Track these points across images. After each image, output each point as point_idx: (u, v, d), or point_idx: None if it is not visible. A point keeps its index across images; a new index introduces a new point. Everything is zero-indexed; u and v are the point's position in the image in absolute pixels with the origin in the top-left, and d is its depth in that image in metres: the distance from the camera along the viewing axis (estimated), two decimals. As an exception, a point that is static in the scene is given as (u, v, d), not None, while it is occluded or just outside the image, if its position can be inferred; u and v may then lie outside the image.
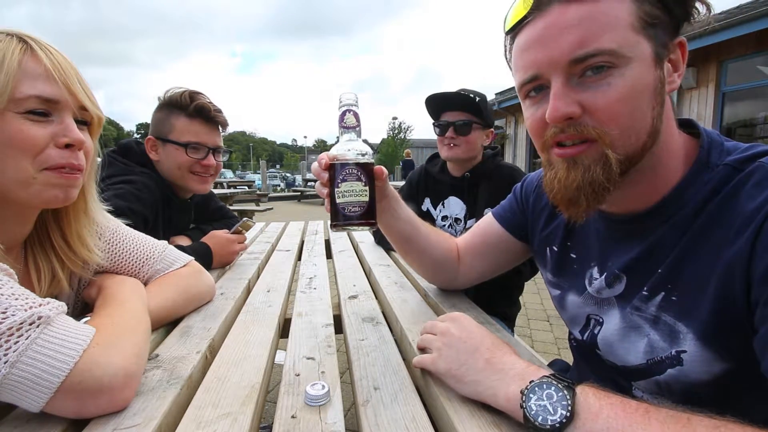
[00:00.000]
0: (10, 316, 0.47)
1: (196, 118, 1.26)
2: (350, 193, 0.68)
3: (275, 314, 0.91)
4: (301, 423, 0.52)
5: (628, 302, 0.66)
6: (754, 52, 6.36)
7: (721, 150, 0.59)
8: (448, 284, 1.04)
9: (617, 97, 0.53)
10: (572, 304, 0.77)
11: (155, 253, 0.85)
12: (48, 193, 0.58)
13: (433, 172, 1.74)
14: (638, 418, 0.42)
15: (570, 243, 0.79)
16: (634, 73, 0.53)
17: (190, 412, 0.53)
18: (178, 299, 0.84)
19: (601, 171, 0.56)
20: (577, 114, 0.55)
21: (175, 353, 0.69)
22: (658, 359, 0.62)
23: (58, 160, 0.58)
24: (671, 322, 0.60)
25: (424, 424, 0.52)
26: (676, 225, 0.59)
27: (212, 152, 1.29)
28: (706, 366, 0.58)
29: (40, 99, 0.56)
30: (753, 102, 6.89)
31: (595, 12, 0.53)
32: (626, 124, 0.55)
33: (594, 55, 0.53)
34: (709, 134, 0.61)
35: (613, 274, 0.68)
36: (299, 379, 0.63)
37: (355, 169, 0.69)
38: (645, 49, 0.54)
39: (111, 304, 0.66)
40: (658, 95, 0.56)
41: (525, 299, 3.42)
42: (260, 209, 7.51)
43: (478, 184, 1.62)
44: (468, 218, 1.65)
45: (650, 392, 0.67)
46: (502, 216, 0.94)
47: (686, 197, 0.59)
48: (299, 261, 1.51)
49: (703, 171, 0.58)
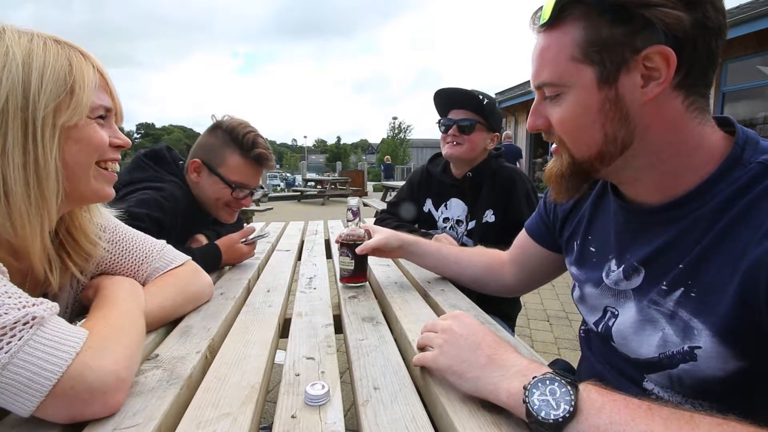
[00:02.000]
0: (3, 314, 0.47)
1: (252, 161, 1.28)
2: (343, 263, 1.11)
3: (275, 314, 0.91)
4: (301, 423, 0.52)
5: (645, 295, 0.65)
6: (754, 52, 6.36)
7: (756, 148, 0.58)
8: (501, 293, 1.10)
9: (561, 118, 0.64)
10: (590, 295, 0.78)
11: (154, 251, 0.85)
12: (105, 189, 0.68)
13: (435, 172, 1.73)
14: (641, 413, 0.42)
15: (591, 237, 0.80)
16: (574, 98, 0.62)
17: (190, 412, 0.53)
18: (177, 299, 0.84)
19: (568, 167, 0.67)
20: (542, 127, 0.67)
21: (175, 353, 0.69)
22: (670, 354, 0.62)
23: (111, 155, 0.68)
24: (687, 318, 0.60)
25: (424, 424, 0.52)
26: (700, 220, 0.59)
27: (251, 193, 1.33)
28: (721, 362, 0.57)
29: (104, 108, 0.65)
30: (753, 102, 6.89)
31: (544, 48, 0.63)
32: (573, 137, 0.64)
33: (540, 86, 0.65)
34: (746, 132, 0.61)
35: (632, 267, 0.68)
36: (299, 379, 0.63)
37: (345, 249, 1.09)
38: (586, 76, 0.60)
39: (105, 305, 0.65)
40: (611, 110, 0.60)
41: (525, 299, 3.42)
42: (260, 209, 7.51)
43: (479, 185, 1.61)
44: (469, 220, 1.64)
45: (661, 385, 0.66)
46: (532, 229, 0.98)
47: (713, 192, 0.58)
48: (299, 261, 1.51)
49: (734, 168, 0.58)
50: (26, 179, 0.56)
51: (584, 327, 0.82)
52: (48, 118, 0.57)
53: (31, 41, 0.58)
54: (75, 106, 0.60)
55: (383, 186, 12.12)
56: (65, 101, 0.59)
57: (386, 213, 1.83)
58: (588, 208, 0.80)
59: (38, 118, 0.56)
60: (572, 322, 3.11)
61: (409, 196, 1.80)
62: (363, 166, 21.92)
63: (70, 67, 0.60)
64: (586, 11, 0.58)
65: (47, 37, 0.60)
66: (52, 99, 0.57)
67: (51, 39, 0.60)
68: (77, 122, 0.60)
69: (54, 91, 0.58)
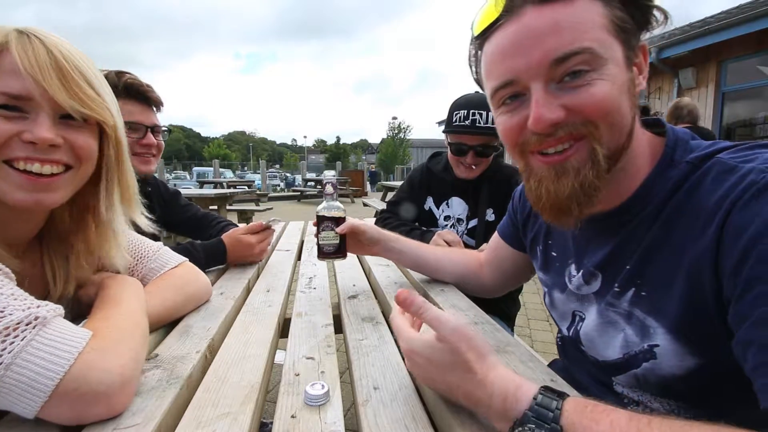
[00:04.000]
0: (7, 315, 0.47)
1: (129, 97, 1.23)
2: (327, 237, 1.04)
3: (275, 314, 0.91)
4: (301, 423, 0.52)
5: (603, 298, 0.67)
6: (754, 52, 6.35)
7: (685, 148, 0.60)
8: (479, 293, 1.10)
9: (602, 96, 0.54)
10: (558, 300, 0.79)
11: (149, 252, 0.85)
12: (15, 195, 0.57)
13: (436, 170, 1.72)
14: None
15: (551, 241, 0.81)
16: (611, 72, 0.54)
17: (190, 412, 0.53)
18: (177, 299, 0.84)
19: (590, 170, 0.56)
20: (562, 118, 0.55)
21: (174, 353, 0.69)
22: (633, 353, 0.64)
23: (19, 153, 0.56)
24: (642, 317, 0.62)
25: (424, 424, 0.52)
26: (641, 222, 0.61)
27: (150, 131, 1.28)
28: (678, 360, 0.58)
29: (6, 95, 0.55)
30: (753, 102, 6.89)
31: (569, 14, 0.53)
32: (613, 120, 0.55)
33: (576, 53, 0.53)
34: (676, 132, 0.63)
35: (589, 272, 0.69)
36: (299, 378, 0.63)
37: (330, 224, 1.04)
38: (617, 51, 0.55)
39: (109, 305, 0.65)
40: (632, 96, 0.57)
41: (525, 299, 3.42)
42: (260, 209, 7.51)
43: (480, 184, 1.62)
44: (470, 219, 1.65)
45: (629, 386, 0.68)
46: (503, 231, 1.00)
47: (652, 194, 0.60)
48: (299, 261, 1.50)
49: (667, 168, 0.59)
50: None
51: (559, 335, 0.83)
52: None
53: None
54: None
55: (383, 186, 12.12)
56: None
57: (387, 212, 1.83)
58: None
59: None
60: (572, 322, 3.10)
61: (409, 194, 1.80)
62: (363, 166, 21.91)
63: None
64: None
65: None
66: None
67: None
68: None
69: None
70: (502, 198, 1.58)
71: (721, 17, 6.36)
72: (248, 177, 27.55)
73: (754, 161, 0.51)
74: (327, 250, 1.04)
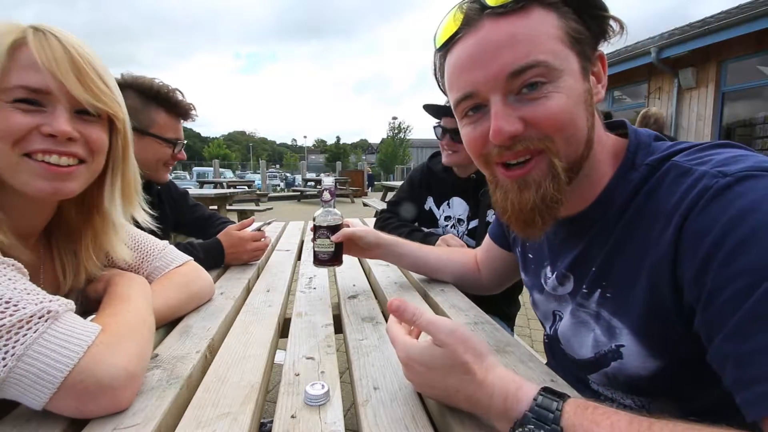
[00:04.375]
0: (21, 308, 0.48)
1: (177, 116, 1.28)
2: (322, 246, 1.04)
3: (275, 314, 0.91)
4: (301, 423, 0.52)
5: (575, 299, 0.69)
6: (754, 52, 6.35)
7: (647, 150, 0.60)
8: (479, 292, 1.11)
9: (558, 109, 0.55)
10: (539, 301, 0.81)
11: (155, 251, 0.86)
12: (35, 184, 0.59)
13: (437, 170, 1.72)
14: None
15: (528, 244, 0.83)
16: (567, 84, 0.55)
17: (190, 412, 0.53)
18: (181, 297, 0.84)
19: (551, 183, 0.57)
20: (520, 131, 0.56)
21: (174, 353, 0.69)
22: (603, 353, 0.65)
23: (38, 146, 0.58)
24: (608, 318, 0.63)
25: (424, 423, 0.52)
26: (604, 225, 0.62)
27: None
28: (641, 361, 0.60)
29: (27, 89, 0.56)
30: (753, 102, 6.89)
31: (525, 26, 0.54)
32: (569, 133, 0.56)
33: (531, 66, 0.53)
34: (638, 135, 0.63)
35: (562, 273, 0.71)
36: (299, 378, 0.63)
37: (326, 231, 1.03)
38: (573, 62, 0.56)
39: (117, 302, 0.66)
40: (589, 106, 0.58)
41: (525, 299, 3.41)
42: (260, 209, 7.51)
43: (481, 185, 1.61)
44: (470, 219, 1.64)
45: (603, 384, 0.70)
46: (493, 232, 1.03)
47: (614, 197, 0.61)
48: (299, 261, 1.50)
49: (629, 171, 0.60)
50: None
51: (545, 334, 0.84)
52: None
53: None
54: None
55: (382, 186, 12.11)
56: None
57: (387, 212, 1.82)
58: None
59: None
60: (572, 322, 3.10)
61: (410, 194, 1.80)
62: (363, 166, 21.91)
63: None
64: (552, 3, 0.55)
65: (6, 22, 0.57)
66: None
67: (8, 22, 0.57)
68: None
69: None
70: None
71: (721, 17, 6.36)
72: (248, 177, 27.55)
73: (707, 164, 0.52)
74: (322, 257, 1.04)
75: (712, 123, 6.92)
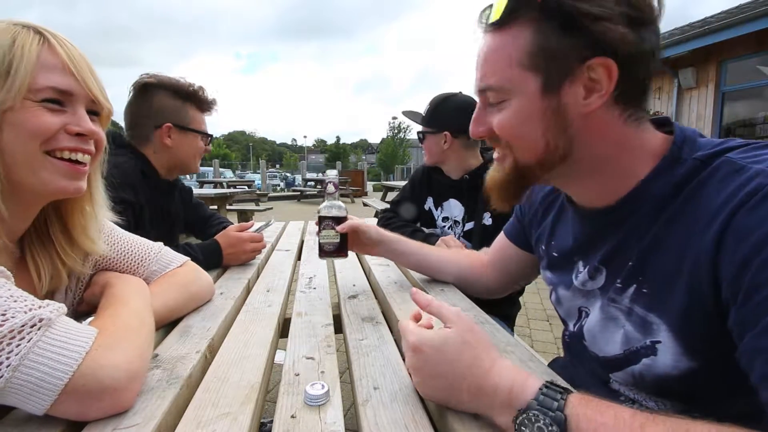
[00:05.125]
0: (10, 318, 0.47)
1: (203, 109, 1.38)
2: (327, 236, 1.05)
3: (275, 314, 0.91)
4: (301, 423, 0.52)
5: (606, 294, 0.68)
6: (754, 52, 6.36)
7: (693, 146, 0.60)
8: (482, 294, 1.10)
9: (503, 123, 0.63)
10: (564, 297, 0.80)
11: (150, 254, 0.85)
12: (57, 183, 0.60)
13: (434, 171, 1.74)
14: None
15: (554, 242, 0.82)
16: (518, 105, 0.61)
17: (190, 412, 0.53)
18: (179, 298, 0.84)
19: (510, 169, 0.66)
20: (485, 134, 0.67)
21: (174, 353, 0.69)
22: (634, 349, 0.64)
23: (66, 143, 0.60)
24: (642, 314, 0.62)
25: (424, 423, 0.52)
26: (643, 217, 0.61)
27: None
28: (675, 360, 0.59)
29: (55, 90, 0.58)
30: (753, 102, 6.89)
31: (494, 47, 0.62)
32: (516, 144, 0.64)
33: (484, 89, 0.64)
34: (684, 131, 0.63)
35: (594, 267, 0.70)
36: (299, 378, 0.63)
37: (330, 222, 1.04)
38: (531, 83, 0.59)
39: (114, 304, 0.65)
40: (552, 119, 0.60)
41: (525, 299, 3.42)
42: (260, 209, 7.51)
43: (476, 187, 1.61)
44: (466, 221, 1.65)
45: (626, 384, 0.69)
46: (510, 231, 1.01)
47: (651, 191, 0.60)
48: (299, 261, 1.51)
49: (672, 165, 0.60)
50: None
51: (566, 331, 0.84)
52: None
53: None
54: (9, 87, 0.55)
55: (383, 186, 12.11)
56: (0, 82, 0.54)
57: (390, 212, 1.84)
58: (553, 214, 0.83)
59: None
60: (572, 322, 3.11)
61: (410, 194, 1.82)
62: (363, 166, 21.90)
63: (12, 45, 0.55)
64: (536, 16, 0.57)
65: (8, 20, 0.58)
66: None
67: (10, 21, 0.58)
68: (13, 105, 0.55)
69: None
70: None
71: (721, 17, 6.37)
72: (248, 177, 27.52)
73: (763, 163, 0.51)
74: (327, 248, 1.06)
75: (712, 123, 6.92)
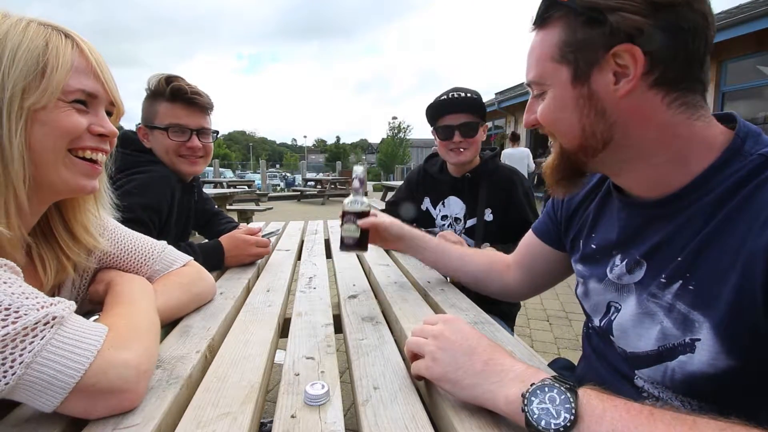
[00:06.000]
0: (23, 315, 0.47)
1: (176, 101, 1.28)
2: (348, 230, 1.07)
3: (275, 314, 0.91)
4: (301, 423, 0.52)
5: (646, 289, 0.66)
6: (754, 52, 6.36)
7: (757, 140, 0.59)
8: (501, 296, 1.09)
9: (543, 112, 0.69)
10: (594, 291, 0.78)
11: (154, 253, 0.85)
12: (77, 181, 0.62)
13: (432, 171, 1.74)
14: (643, 419, 0.41)
15: (594, 235, 0.81)
16: (552, 95, 0.67)
17: (190, 412, 0.53)
18: (182, 297, 0.84)
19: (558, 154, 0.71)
20: (535, 123, 0.72)
21: (174, 353, 0.69)
22: (671, 346, 0.62)
23: (89, 143, 0.63)
24: (685, 311, 0.60)
25: (424, 423, 0.52)
26: (698, 212, 0.59)
27: (196, 134, 1.30)
28: (713, 358, 0.57)
29: (84, 92, 0.61)
30: (753, 102, 6.89)
31: (532, 48, 0.69)
32: (555, 130, 0.69)
33: (530, 83, 0.71)
34: (748, 126, 0.62)
35: (635, 260, 0.68)
36: (299, 378, 0.63)
37: (352, 217, 1.06)
38: (563, 74, 0.64)
39: (122, 302, 0.66)
40: (586, 106, 0.63)
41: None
42: (260, 209, 7.51)
43: (478, 183, 1.62)
44: (468, 218, 1.65)
45: (653, 381, 0.67)
46: (540, 229, 0.98)
47: (712, 184, 0.59)
48: (299, 261, 1.50)
49: (734, 160, 0.58)
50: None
51: (590, 325, 0.83)
52: (15, 99, 0.55)
53: (11, 23, 0.56)
54: (44, 87, 0.57)
55: (383, 186, 12.12)
56: (34, 82, 0.56)
57: (385, 212, 1.84)
58: (594, 208, 0.82)
59: (5, 99, 0.54)
60: (572, 322, 3.11)
61: (407, 195, 1.82)
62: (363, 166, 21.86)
63: (46, 47, 0.57)
64: (566, 13, 0.62)
65: (33, 20, 0.59)
66: (21, 79, 0.55)
67: (37, 21, 0.59)
68: (46, 105, 0.57)
69: (23, 71, 0.55)
70: (502, 198, 1.59)
71: (721, 17, 6.36)
72: (248, 177, 27.51)
73: None
74: (348, 242, 1.08)
75: (712, 123, 6.91)
